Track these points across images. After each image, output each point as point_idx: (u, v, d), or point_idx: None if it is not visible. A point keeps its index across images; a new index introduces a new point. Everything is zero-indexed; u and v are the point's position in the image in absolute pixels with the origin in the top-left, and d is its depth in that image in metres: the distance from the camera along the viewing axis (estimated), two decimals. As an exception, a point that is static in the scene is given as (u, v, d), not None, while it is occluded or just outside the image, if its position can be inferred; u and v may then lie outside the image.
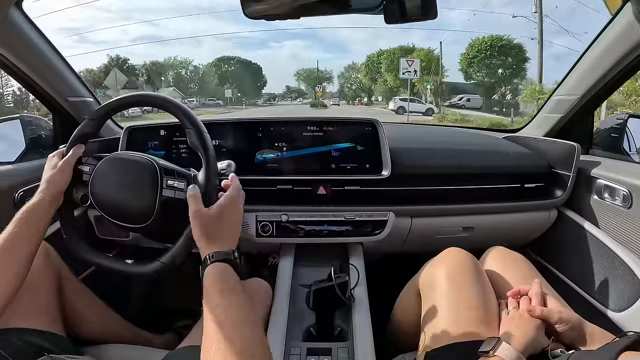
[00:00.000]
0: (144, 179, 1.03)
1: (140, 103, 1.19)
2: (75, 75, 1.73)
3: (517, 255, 1.34)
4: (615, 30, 1.39)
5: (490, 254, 1.37)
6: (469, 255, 1.25)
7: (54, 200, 1.04)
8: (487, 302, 1.13)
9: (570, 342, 1.03)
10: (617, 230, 1.44)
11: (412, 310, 1.30)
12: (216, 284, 0.82)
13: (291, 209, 1.55)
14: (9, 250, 0.95)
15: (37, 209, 1.01)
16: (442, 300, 1.15)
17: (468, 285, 1.15)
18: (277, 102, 65.63)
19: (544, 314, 1.02)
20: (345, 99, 63.52)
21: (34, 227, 1.00)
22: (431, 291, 1.20)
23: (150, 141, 1.61)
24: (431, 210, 1.63)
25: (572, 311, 1.08)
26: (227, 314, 0.77)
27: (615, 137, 1.75)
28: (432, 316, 1.14)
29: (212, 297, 0.80)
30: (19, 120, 1.75)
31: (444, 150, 1.81)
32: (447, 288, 1.16)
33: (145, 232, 1.07)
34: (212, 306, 0.79)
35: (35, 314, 1.09)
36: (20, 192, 1.45)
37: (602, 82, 1.56)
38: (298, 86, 71.51)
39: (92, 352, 1.18)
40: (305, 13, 0.98)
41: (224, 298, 0.80)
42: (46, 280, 1.18)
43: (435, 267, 1.24)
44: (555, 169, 1.68)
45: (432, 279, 1.22)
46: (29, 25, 1.43)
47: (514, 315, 1.06)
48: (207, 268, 0.86)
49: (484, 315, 1.09)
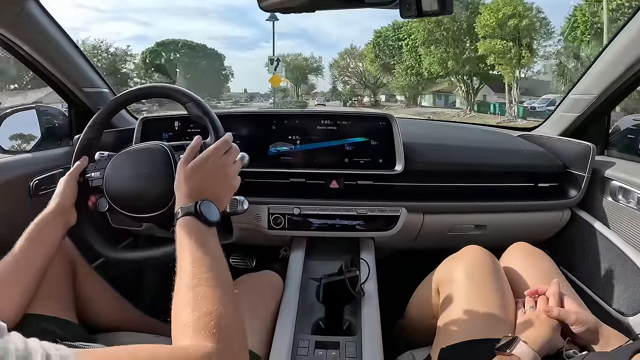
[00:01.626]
0: (158, 163, 1.09)
1: (136, 98, 1.24)
2: (91, 66, 1.75)
3: (540, 252, 1.34)
4: (634, 29, 1.38)
5: (513, 249, 1.37)
6: (488, 253, 1.24)
7: (61, 213, 1.09)
8: (504, 301, 1.13)
9: (586, 344, 1.03)
10: (631, 233, 1.42)
11: (428, 305, 1.31)
12: (181, 241, 0.83)
13: (303, 202, 1.56)
14: (22, 267, 0.99)
15: (45, 223, 1.06)
16: (460, 297, 1.15)
17: (486, 282, 1.15)
18: (245, 103, 51.05)
19: (560, 315, 1.02)
20: (340, 98, 50.64)
21: (42, 242, 1.04)
22: (449, 287, 1.20)
23: (165, 132, 1.63)
24: (444, 207, 1.63)
25: (589, 312, 1.07)
26: (193, 271, 0.77)
27: (631, 138, 1.73)
28: (449, 312, 1.14)
29: (180, 256, 0.81)
30: (34, 110, 1.77)
31: (458, 147, 1.81)
32: (465, 284, 1.16)
33: (161, 219, 1.09)
34: (180, 265, 0.80)
35: (48, 301, 1.10)
36: (36, 181, 1.47)
37: (619, 81, 1.54)
38: (286, 85, 53.79)
39: (104, 340, 1.19)
40: (320, 6, 0.98)
41: (190, 254, 0.80)
42: (60, 268, 1.19)
43: (455, 264, 1.24)
44: (570, 169, 1.66)
45: (451, 276, 1.22)
46: (45, 16, 1.45)
47: (531, 315, 1.06)
48: (176, 226, 0.87)
49: (500, 314, 1.09)
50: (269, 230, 1.56)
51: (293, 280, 1.39)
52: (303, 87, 55.54)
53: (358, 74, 48.45)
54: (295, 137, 1.59)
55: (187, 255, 0.80)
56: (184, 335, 0.68)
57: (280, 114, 1.63)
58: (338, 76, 51.72)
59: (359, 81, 48.64)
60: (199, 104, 1.13)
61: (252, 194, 1.29)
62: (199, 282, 0.74)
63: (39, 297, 1.05)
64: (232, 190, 1.00)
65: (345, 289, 1.17)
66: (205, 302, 0.71)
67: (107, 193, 1.12)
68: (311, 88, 57.23)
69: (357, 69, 48.63)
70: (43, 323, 1.05)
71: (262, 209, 1.55)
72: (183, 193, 0.91)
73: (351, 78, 49.81)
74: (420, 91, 39.02)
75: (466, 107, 32.11)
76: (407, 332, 1.47)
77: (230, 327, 0.71)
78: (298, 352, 1.12)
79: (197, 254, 0.79)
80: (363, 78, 47.71)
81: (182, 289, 0.75)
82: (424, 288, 1.39)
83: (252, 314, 1.16)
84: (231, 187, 0.99)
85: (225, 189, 0.98)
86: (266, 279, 1.38)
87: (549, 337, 0.98)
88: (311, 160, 1.59)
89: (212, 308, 0.70)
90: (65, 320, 1.12)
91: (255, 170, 1.53)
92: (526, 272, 1.26)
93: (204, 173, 0.93)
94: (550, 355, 0.98)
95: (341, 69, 50.45)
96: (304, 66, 53.81)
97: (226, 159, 0.98)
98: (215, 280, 0.76)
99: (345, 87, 51.18)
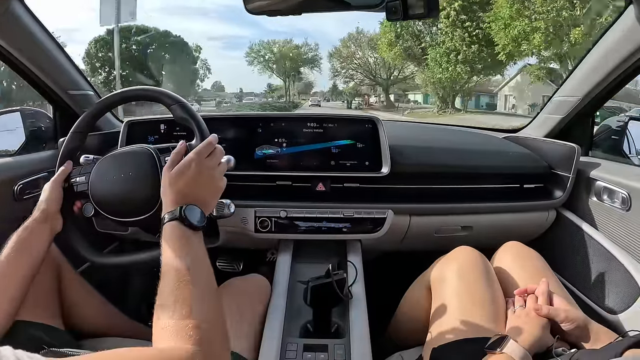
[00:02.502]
0: (144, 165, 1.09)
1: (121, 101, 1.23)
2: (76, 68, 1.74)
3: (531, 251, 1.36)
4: (618, 32, 1.39)
5: (505, 249, 1.38)
6: (479, 254, 1.26)
7: (46, 220, 1.08)
8: (495, 300, 1.14)
9: (576, 341, 1.04)
10: (616, 232, 1.44)
11: (419, 306, 1.32)
12: (166, 246, 0.83)
13: (290, 205, 1.55)
14: (8, 275, 0.99)
15: (31, 230, 1.05)
16: (452, 297, 1.17)
17: (477, 282, 1.17)
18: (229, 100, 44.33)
19: (550, 313, 1.04)
20: (343, 98, 41.98)
21: (28, 250, 1.04)
22: (441, 287, 1.22)
23: (150, 135, 1.62)
24: (430, 209, 1.63)
25: (579, 310, 1.10)
26: (176, 275, 0.77)
27: (615, 139, 1.75)
28: (441, 312, 1.16)
29: (164, 260, 0.82)
30: (19, 113, 1.74)
31: (444, 149, 1.82)
32: (456, 285, 1.18)
33: (147, 223, 1.09)
34: (164, 269, 0.80)
35: (35, 308, 1.09)
36: (20, 185, 1.45)
37: (603, 84, 1.56)
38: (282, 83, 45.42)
39: (91, 345, 1.19)
40: (307, 9, 0.99)
41: (174, 259, 0.80)
42: (46, 274, 1.18)
43: (446, 264, 1.26)
44: (555, 170, 1.68)
45: (443, 276, 1.23)
46: (31, 17, 1.43)
47: (521, 314, 1.07)
48: (162, 231, 0.87)
49: (491, 313, 1.10)
50: (256, 234, 1.56)
51: (280, 283, 1.39)
52: (298, 85, 47.64)
53: (365, 66, 38.56)
54: (281, 140, 1.59)
55: (170, 260, 0.80)
56: (164, 338, 0.69)
57: (267, 117, 1.63)
58: (340, 70, 40.94)
59: (367, 75, 38.96)
60: (183, 106, 1.13)
61: (238, 197, 1.30)
62: (179, 285, 0.75)
63: (25, 304, 1.05)
64: (219, 192, 0.99)
65: (332, 291, 1.17)
66: (185, 306, 0.72)
67: (92, 198, 1.11)
68: (308, 87, 49.25)
69: (364, 59, 38.78)
70: (30, 330, 1.05)
71: (249, 212, 1.54)
72: (169, 198, 0.91)
73: (357, 71, 39.82)
74: (461, 88, 27.86)
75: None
76: (398, 333, 1.48)
77: (212, 331, 0.72)
78: (286, 356, 1.12)
79: (181, 259, 0.80)
80: (372, 72, 38.24)
81: (165, 292, 0.75)
82: (416, 289, 1.40)
83: (240, 318, 1.16)
84: (217, 189, 0.99)
85: (211, 191, 0.97)
86: (253, 282, 1.38)
87: (538, 335, 0.99)
88: (297, 163, 1.59)
89: (191, 311, 0.71)
90: (52, 327, 1.12)
91: (242, 174, 1.53)
92: (517, 272, 1.27)
93: (188, 177, 0.92)
94: (540, 353, 0.99)
95: (344, 59, 39.83)
96: (296, 56, 43.32)
97: (210, 161, 0.97)
98: (197, 284, 0.77)
99: (348, 84, 42.16)
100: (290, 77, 44.68)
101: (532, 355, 0.95)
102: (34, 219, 1.06)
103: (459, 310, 1.12)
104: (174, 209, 0.88)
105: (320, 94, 47.92)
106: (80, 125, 1.21)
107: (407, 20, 0.96)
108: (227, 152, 1.04)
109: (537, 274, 1.24)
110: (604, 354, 0.86)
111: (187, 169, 0.93)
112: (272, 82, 48.06)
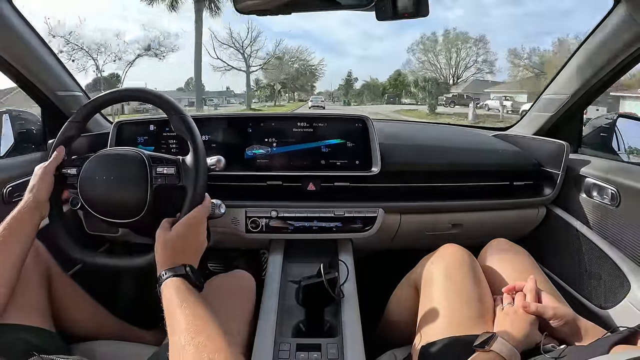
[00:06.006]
0: (134, 171, 1.07)
1: (121, 99, 1.22)
2: (65, 69, 1.72)
3: (518, 247, 1.37)
4: (606, 30, 1.41)
5: (491, 246, 1.39)
6: (466, 251, 1.26)
7: (36, 208, 1.07)
8: (482, 298, 1.14)
9: (564, 338, 1.04)
10: (605, 228, 1.45)
11: (407, 304, 1.32)
12: (173, 300, 0.83)
13: (281, 205, 1.55)
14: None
15: (20, 218, 1.04)
16: (439, 295, 1.16)
17: (464, 280, 1.17)
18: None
19: (538, 310, 1.04)
20: (357, 99, 37.47)
21: (17, 237, 1.03)
22: (428, 286, 1.21)
23: (140, 136, 1.61)
24: (420, 207, 1.64)
25: (568, 307, 1.10)
26: (193, 330, 0.76)
27: (604, 136, 1.76)
28: (429, 311, 1.16)
29: (173, 315, 0.81)
30: (7, 115, 1.73)
31: (434, 147, 1.82)
32: (443, 283, 1.18)
33: (136, 226, 1.09)
34: (174, 325, 0.79)
35: (24, 310, 1.08)
36: (9, 188, 1.44)
37: (592, 81, 1.58)
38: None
39: (82, 349, 1.18)
40: (296, 9, 0.99)
41: (186, 313, 0.80)
42: (35, 276, 1.18)
43: (433, 263, 1.26)
44: (545, 167, 1.69)
45: (430, 275, 1.23)
46: (19, 18, 1.42)
47: (509, 311, 1.07)
48: (162, 285, 0.88)
49: (479, 311, 1.10)
50: (247, 234, 1.55)
51: (272, 283, 1.38)
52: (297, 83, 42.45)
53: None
54: (271, 140, 1.58)
55: (180, 317, 0.80)
56: None
57: (257, 117, 1.62)
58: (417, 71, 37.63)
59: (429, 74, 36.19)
60: (184, 119, 1.12)
61: (229, 197, 1.29)
62: (193, 337, 0.75)
63: (14, 306, 1.04)
64: (203, 249, 1.02)
65: (324, 291, 1.17)
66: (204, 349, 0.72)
67: (81, 194, 1.10)
68: (304, 89, 43.25)
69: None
70: (20, 333, 1.04)
71: (240, 213, 1.54)
72: (165, 256, 0.93)
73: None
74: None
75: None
76: (388, 331, 1.48)
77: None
78: (280, 356, 1.12)
79: (191, 315, 0.79)
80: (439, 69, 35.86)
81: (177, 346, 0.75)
82: (403, 287, 1.40)
83: (229, 316, 1.15)
84: (202, 245, 1.02)
85: (197, 249, 1.00)
86: (238, 278, 1.37)
87: (526, 332, 1.00)
88: (288, 163, 1.59)
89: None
90: (42, 330, 1.11)
91: (232, 174, 1.52)
92: (504, 269, 1.28)
93: (186, 241, 0.96)
94: (529, 350, 0.99)
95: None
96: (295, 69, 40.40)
97: (202, 226, 1.02)
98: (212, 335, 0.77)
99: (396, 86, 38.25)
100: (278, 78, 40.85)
101: (520, 352, 0.95)
102: (24, 207, 1.05)
103: (446, 309, 1.12)
104: (175, 266, 0.90)
105: (326, 94, 43.11)
106: (79, 115, 1.20)
107: (396, 19, 0.96)
108: (217, 153, 1.05)
109: (524, 270, 1.25)
110: (592, 350, 0.87)
111: (189, 232, 0.98)
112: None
